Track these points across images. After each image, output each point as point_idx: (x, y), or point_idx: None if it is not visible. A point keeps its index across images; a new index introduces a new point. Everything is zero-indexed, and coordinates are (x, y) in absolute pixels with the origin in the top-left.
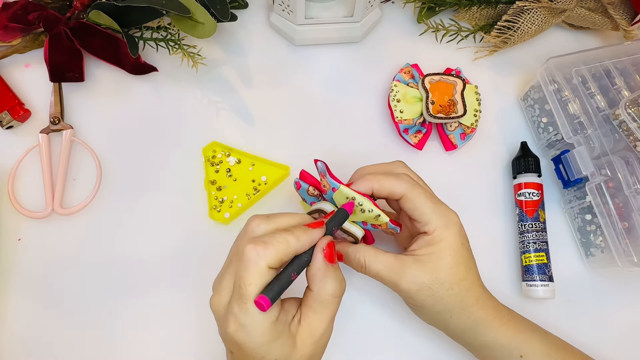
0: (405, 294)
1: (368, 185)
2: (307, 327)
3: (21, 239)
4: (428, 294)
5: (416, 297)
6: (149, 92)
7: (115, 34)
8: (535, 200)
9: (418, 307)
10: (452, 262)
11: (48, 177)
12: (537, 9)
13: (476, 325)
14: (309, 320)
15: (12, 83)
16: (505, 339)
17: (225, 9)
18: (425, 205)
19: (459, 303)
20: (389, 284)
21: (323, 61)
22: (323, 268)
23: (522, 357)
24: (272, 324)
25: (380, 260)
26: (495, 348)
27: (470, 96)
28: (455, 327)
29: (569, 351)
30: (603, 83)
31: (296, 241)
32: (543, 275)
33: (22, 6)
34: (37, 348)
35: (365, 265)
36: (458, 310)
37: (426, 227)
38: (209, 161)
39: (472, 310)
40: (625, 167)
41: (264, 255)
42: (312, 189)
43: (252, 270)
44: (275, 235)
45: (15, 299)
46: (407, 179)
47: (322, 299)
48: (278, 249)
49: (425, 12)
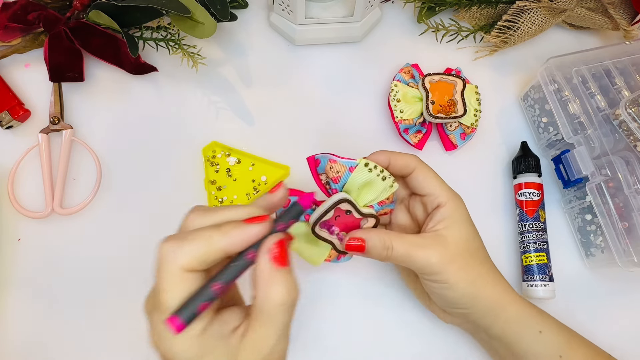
0: (437, 268)
1: (385, 157)
2: (251, 342)
3: (21, 239)
4: (460, 264)
5: (449, 269)
6: (149, 92)
7: (115, 34)
8: (535, 200)
9: (450, 283)
10: (470, 232)
11: (48, 177)
12: (537, 9)
13: (501, 296)
14: (254, 333)
15: (12, 83)
16: (526, 311)
17: (225, 9)
18: (435, 179)
19: (484, 270)
20: (418, 261)
21: (323, 61)
22: (268, 271)
23: (542, 332)
24: (197, 339)
25: (406, 239)
26: (518, 322)
27: (470, 96)
28: (485, 299)
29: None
30: (603, 83)
31: (222, 238)
32: (543, 275)
33: (22, 6)
34: (36, 348)
35: (392, 246)
36: (485, 276)
37: (439, 199)
38: (209, 161)
39: (496, 277)
40: (625, 167)
41: (179, 254)
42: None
43: (165, 273)
44: (198, 231)
45: (15, 299)
46: (416, 156)
47: (267, 309)
48: (197, 246)
49: (425, 12)
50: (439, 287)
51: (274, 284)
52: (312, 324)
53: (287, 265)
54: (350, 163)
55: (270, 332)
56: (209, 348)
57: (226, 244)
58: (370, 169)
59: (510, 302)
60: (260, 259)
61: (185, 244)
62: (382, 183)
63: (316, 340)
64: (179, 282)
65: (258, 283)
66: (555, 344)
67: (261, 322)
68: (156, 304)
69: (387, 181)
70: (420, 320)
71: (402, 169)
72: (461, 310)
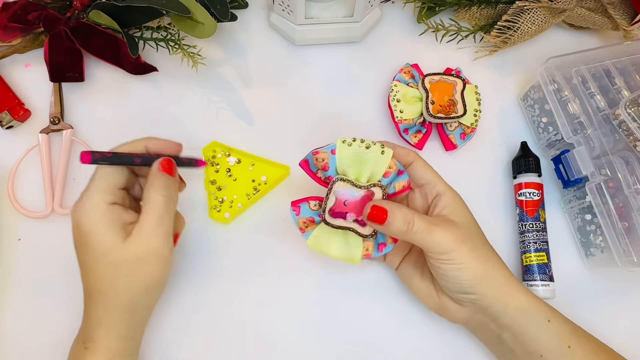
0: (453, 246)
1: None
2: (137, 226)
3: (21, 239)
4: (471, 244)
5: (462, 248)
6: (149, 92)
7: (115, 34)
8: (535, 200)
9: (463, 263)
10: (471, 218)
11: (48, 177)
12: (537, 9)
13: (509, 280)
14: (141, 220)
15: (12, 83)
16: (533, 300)
17: (225, 9)
18: (432, 170)
19: (493, 255)
20: (435, 238)
21: (323, 61)
22: (154, 173)
23: (550, 321)
24: (105, 205)
25: (424, 217)
26: (528, 310)
27: (470, 96)
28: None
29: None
30: (603, 83)
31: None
32: (544, 275)
33: (22, 6)
34: (36, 348)
35: (414, 221)
36: (495, 261)
37: (437, 188)
38: (209, 161)
39: (502, 265)
40: (625, 167)
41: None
42: (312, 205)
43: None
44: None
45: (15, 299)
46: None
47: (149, 199)
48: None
49: (425, 12)
50: (452, 269)
51: (157, 180)
52: (311, 324)
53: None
54: (331, 147)
55: (150, 218)
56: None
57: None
58: (349, 144)
59: (519, 288)
60: (153, 165)
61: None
62: (369, 152)
63: (316, 340)
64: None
65: (146, 182)
66: (563, 334)
67: (145, 212)
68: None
69: (374, 148)
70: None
71: (403, 157)
72: (472, 295)
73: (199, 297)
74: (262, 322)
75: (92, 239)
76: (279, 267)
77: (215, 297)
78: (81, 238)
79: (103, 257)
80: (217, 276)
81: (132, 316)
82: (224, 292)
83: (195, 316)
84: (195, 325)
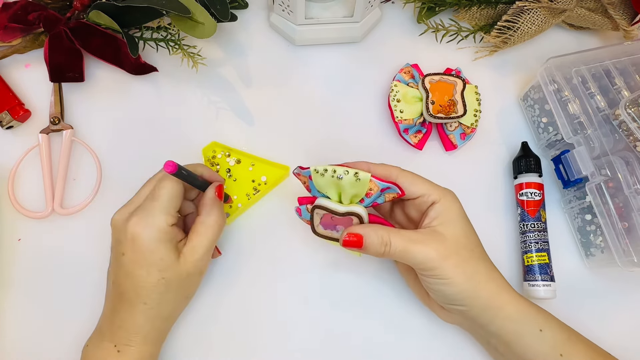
0: (436, 263)
1: (364, 166)
2: (191, 247)
3: (21, 239)
4: (457, 259)
5: (446, 264)
6: (149, 92)
7: (115, 34)
8: (537, 200)
9: (449, 278)
10: (465, 227)
11: (48, 177)
12: (537, 9)
13: (499, 293)
14: (194, 241)
15: (12, 83)
16: (525, 309)
17: (225, 9)
18: (422, 181)
19: (482, 266)
20: (417, 257)
21: (323, 61)
22: (213, 199)
23: (542, 330)
24: (167, 227)
25: (403, 235)
26: (518, 320)
27: (470, 96)
28: (483, 296)
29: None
30: (603, 83)
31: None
32: (545, 275)
33: (22, 6)
34: (36, 347)
35: (390, 242)
36: (484, 273)
37: (432, 197)
38: (209, 161)
39: (494, 275)
40: (625, 167)
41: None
42: (310, 207)
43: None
44: None
45: (15, 299)
46: (397, 167)
47: (207, 224)
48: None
49: (425, 12)
50: (437, 283)
51: (214, 209)
52: (312, 324)
53: (222, 200)
54: (306, 172)
55: (204, 241)
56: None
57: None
58: (321, 174)
59: (509, 300)
60: (208, 189)
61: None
62: (343, 181)
63: (317, 340)
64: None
65: (205, 205)
66: (556, 342)
67: (199, 233)
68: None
69: (347, 177)
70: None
71: (385, 176)
72: (459, 307)
73: (199, 297)
74: (262, 322)
75: (151, 256)
76: (279, 267)
77: (215, 297)
78: (139, 253)
79: (159, 274)
80: (217, 276)
81: (168, 324)
82: (224, 292)
83: (195, 316)
84: (194, 325)
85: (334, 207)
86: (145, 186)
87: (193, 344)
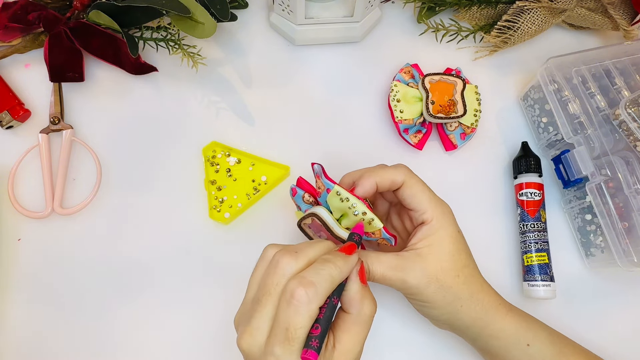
0: (415, 290)
1: (371, 182)
2: (343, 352)
3: (21, 239)
4: (437, 286)
5: (426, 291)
6: (149, 92)
7: (115, 34)
8: (537, 200)
9: (429, 302)
10: (453, 250)
11: (48, 177)
12: (537, 9)
13: (485, 314)
14: (345, 343)
15: (12, 83)
16: (512, 326)
17: (225, 9)
18: (422, 193)
19: (467, 290)
20: (396, 284)
21: (323, 61)
22: (361, 290)
23: (529, 345)
24: None
25: (383, 261)
26: (503, 338)
27: (470, 96)
28: (466, 318)
29: (569, 341)
30: (603, 83)
31: (339, 273)
32: (545, 275)
33: (22, 6)
34: (36, 348)
35: (369, 270)
36: (467, 297)
37: (424, 216)
38: (209, 161)
39: (480, 296)
40: (625, 167)
41: (314, 298)
42: (307, 196)
43: (303, 314)
44: (319, 272)
45: (15, 299)
46: (405, 167)
47: (360, 320)
48: (326, 287)
49: (425, 12)
50: (418, 305)
51: (366, 299)
52: None
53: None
54: (328, 185)
55: (358, 340)
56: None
57: (341, 277)
58: (342, 199)
59: (495, 319)
60: (353, 281)
61: (319, 288)
62: (356, 217)
63: None
64: (312, 319)
65: (353, 300)
66: (545, 356)
67: (351, 333)
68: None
69: (361, 217)
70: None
71: (390, 186)
72: (444, 324)
73: (199, 297)
74: None
75: None
76: None
77: (215, 297)
78: None
79: None
80: (217, 276)
81: None
82: (224, 292)
83: (194, 316)
84: (195, 325)
85: (332, 226)
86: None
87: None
